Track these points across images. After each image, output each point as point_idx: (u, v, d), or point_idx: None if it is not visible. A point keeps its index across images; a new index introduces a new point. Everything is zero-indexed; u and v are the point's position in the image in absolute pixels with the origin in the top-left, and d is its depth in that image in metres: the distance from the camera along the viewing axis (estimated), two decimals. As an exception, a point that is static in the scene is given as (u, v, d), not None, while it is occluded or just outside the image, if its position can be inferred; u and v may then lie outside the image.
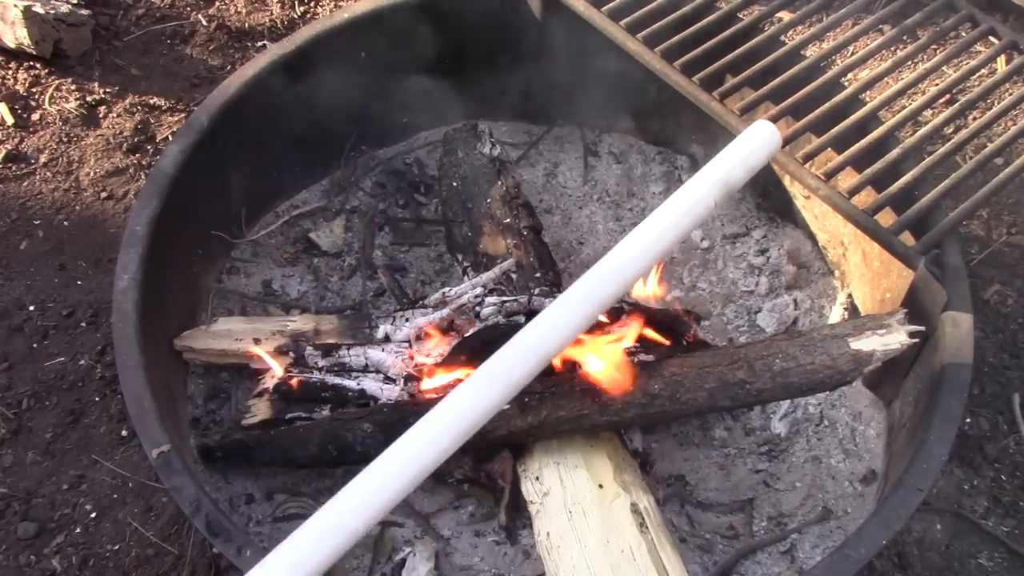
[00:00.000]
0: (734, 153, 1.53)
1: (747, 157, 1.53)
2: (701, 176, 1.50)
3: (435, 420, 1.26)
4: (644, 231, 1.44)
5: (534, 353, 1.32)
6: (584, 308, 1.37)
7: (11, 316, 1.99)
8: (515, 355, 1.32)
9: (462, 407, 1.27)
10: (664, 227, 1.45)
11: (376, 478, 1.21)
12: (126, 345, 1.53)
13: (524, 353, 1.32)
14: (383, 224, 2.14)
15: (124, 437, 1.84)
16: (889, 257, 1.60)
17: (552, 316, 1.35)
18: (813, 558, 1.64)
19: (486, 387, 1.29)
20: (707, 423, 1.84)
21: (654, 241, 1.43)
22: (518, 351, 1.32)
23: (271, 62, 1.90)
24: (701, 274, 2.08)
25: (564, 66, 2.13)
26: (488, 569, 1.63)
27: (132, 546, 1.71)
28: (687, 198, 1.47)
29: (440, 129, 2.22)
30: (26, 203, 2.18)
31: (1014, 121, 2.29)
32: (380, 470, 1.21)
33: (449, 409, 1.27)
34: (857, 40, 1.87)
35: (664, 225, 1.45)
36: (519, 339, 1.33)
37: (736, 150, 1.53)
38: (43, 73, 2.41)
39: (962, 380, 1.49)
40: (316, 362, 1.74)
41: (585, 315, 1.37)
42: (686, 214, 1.46)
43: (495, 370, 1.31)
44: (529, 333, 1.34)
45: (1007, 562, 1.74)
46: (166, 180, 1.71)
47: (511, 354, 1.32)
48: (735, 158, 1.52)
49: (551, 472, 1.58)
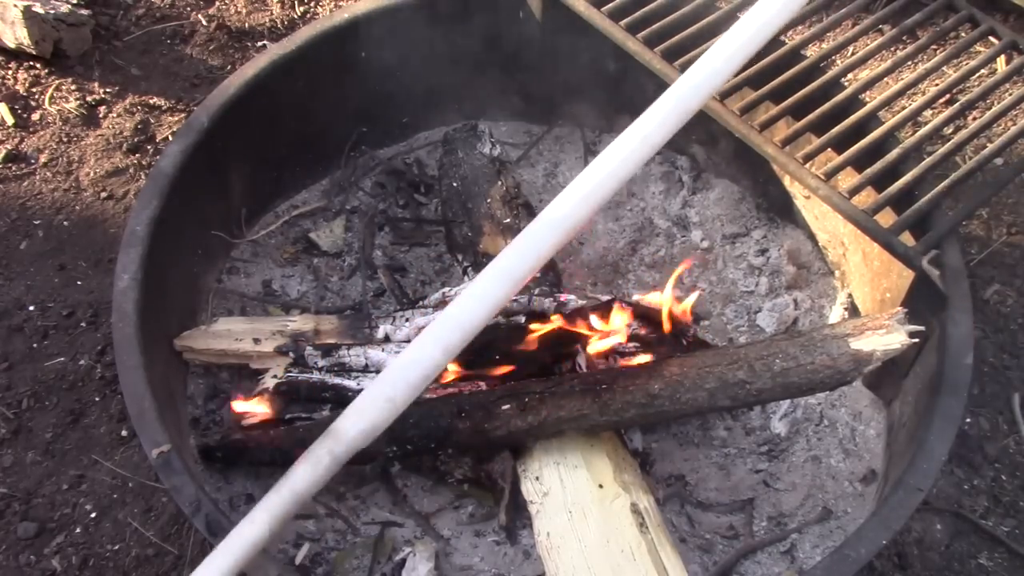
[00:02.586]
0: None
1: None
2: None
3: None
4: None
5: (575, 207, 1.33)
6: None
7: (11, 316, 1.99)
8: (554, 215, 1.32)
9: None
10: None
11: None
12: (126, 345, 1.53)
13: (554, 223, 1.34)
14: (383, 224, 2.14)
15: (124, 437, 1.84)
16: (889, 257, 1.60)
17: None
18: (813, 558, 1.64)
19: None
20: (707, 423, 1.84)
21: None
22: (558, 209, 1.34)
23: (271, 62, 1.90)
24: (701, 274, 2.08)
25: (564, 66, 2.13)
26: (488, 569, 1.63)
27: (132, 546, 1.71)
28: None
29: (440, 129, 2.22)
30: (26, 203, 2.18)
31: (1014, 121, 2.30)
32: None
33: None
34: (857, 40, 1.87)
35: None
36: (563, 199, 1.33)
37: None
38: (43, 73, 2.41)
39: (962, 380, 1.49)
40: (316, 362, 1.74)
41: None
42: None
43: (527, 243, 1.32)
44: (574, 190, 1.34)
45: (1007, 562, 1.74)
46: (166, 180, 1.71)
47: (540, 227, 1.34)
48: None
49: (551, 472, 1.58)
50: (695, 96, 1.41)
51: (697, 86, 1.41)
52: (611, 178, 1.37)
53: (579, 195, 1.36)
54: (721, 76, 1.43)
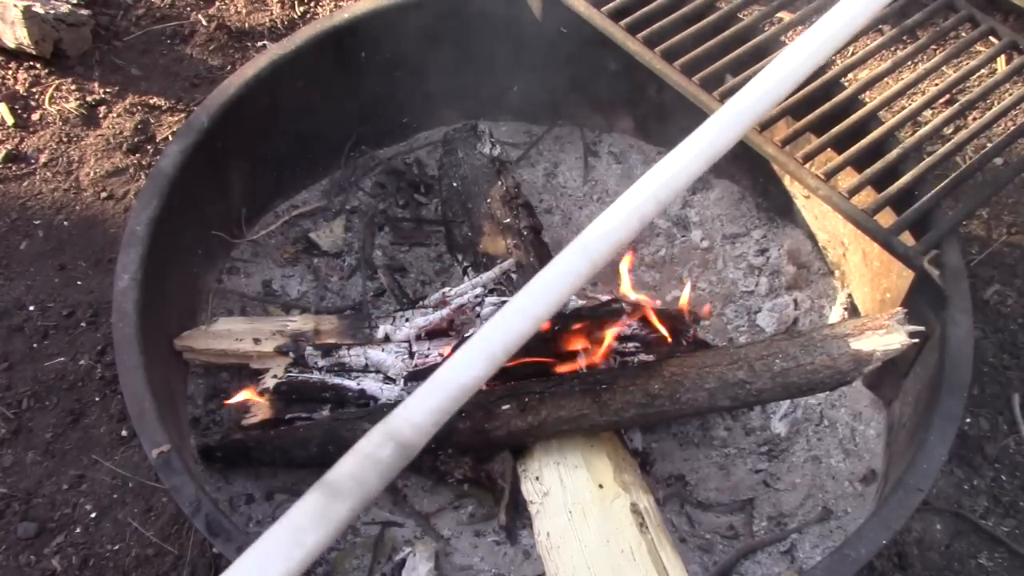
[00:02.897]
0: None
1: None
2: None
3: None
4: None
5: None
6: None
7: (11, 316, 1.99)
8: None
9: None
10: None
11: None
12: (126, 345, 1.53)
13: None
14: (383, 224, 2.14)
15: (124, 437, 1.84)
16: (889, 257, 1.60)
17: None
18: (813, 558, 1.64)
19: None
20: (707, 423, 1.84)
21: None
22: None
23: (271, 62, 1.90)
24: (701, 274, 2.08)
25: (564, 66, 2.13)
26: (488, 569, 1.63)
27: (132, 546, 1.71)
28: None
29: (440, 129, 2.23)
30: (26, 203, 2.18)
31: (1014, 121, 2.30)
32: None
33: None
34: (857, 40, 1.87)
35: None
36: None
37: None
38: (43, 73, 2.41)
39: (962, 380, 1.49)
40: (316, 362, 1.74)
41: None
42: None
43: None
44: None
45: (1007, 562, 1.74)
46: (166, 180, 1.71)
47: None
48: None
49: (551, 472, 1.58)
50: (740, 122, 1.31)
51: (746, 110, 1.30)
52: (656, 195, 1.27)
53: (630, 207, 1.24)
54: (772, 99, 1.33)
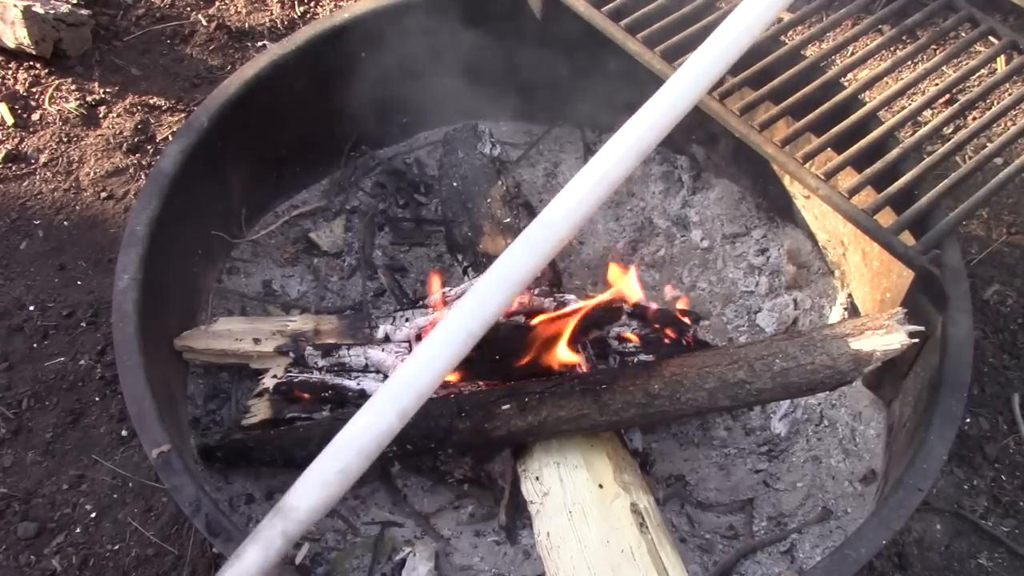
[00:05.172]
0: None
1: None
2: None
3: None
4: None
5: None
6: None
7: (11, 316, 1.99)
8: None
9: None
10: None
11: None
12: (126, 345, 1.53)
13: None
14: (383, 224, 2.14)
15: (124, 437, 1.84)
16: (889, 257, 1.60)
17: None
18: (813, 558, 1.64)
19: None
20: (707, 423, 1.84)
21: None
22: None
23: (271, 62, 1.90)
24: (701, 274, 2.08)
25: (564, 66, 2.13)
26: (488, 569, 1.63)
27: (132, 546, 1.71)
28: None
29: (440, 129, 2.22)
30: (26, 203, 2.18)
31: (1014, 121, 2.30)
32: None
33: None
34: (857, 40, 1.87)
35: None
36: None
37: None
38: (43, 73, 2.41)
39: (962, 380, 1.49)
40: (316, 362, 1.74)
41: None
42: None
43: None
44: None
45: (1007, 562, 1.74)
46: (166, 180, 1.71)
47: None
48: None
49: (551, 472, 1.58)
50: (684, 99, 1.37)
51: (688, 87, 1.38)
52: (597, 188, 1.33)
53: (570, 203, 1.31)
54: (710, 76, 1.39)
